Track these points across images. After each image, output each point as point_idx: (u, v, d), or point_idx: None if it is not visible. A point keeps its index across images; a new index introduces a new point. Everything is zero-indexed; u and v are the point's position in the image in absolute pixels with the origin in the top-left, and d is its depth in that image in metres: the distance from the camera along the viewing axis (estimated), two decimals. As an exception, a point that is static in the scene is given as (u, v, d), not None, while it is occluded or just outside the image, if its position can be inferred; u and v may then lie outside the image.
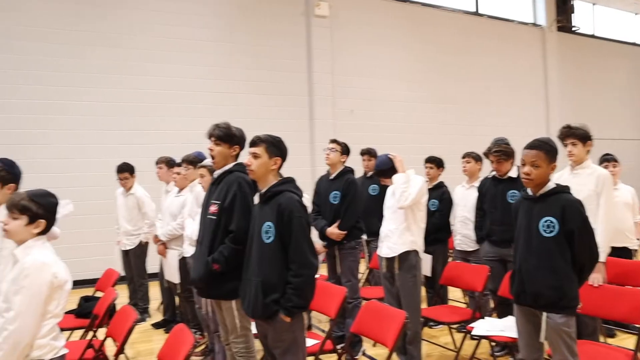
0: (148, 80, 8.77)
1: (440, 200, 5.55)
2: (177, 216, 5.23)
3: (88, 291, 5.40)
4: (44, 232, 2.55)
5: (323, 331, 5.35)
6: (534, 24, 13.36)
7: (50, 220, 2.56)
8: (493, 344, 4.52)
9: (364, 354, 4.86)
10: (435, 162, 5.69)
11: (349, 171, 5.03)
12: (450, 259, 5.95)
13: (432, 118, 11.39)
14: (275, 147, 3.05)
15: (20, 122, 7.98)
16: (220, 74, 9.33)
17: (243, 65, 9.54)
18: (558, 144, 3.24)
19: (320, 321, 5.87)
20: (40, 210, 2.50)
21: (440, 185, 5.67)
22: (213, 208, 3.36)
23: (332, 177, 5.04)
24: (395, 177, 4.18)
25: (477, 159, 5.57)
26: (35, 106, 8.08)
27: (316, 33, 10.11)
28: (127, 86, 8.62)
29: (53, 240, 2.73)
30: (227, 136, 3.43)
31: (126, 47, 8.65)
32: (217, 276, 3.27)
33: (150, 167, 6.36)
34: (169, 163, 5.87)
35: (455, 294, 6.27)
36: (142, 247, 6.27)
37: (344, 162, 5.08)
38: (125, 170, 6.19)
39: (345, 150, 5.08)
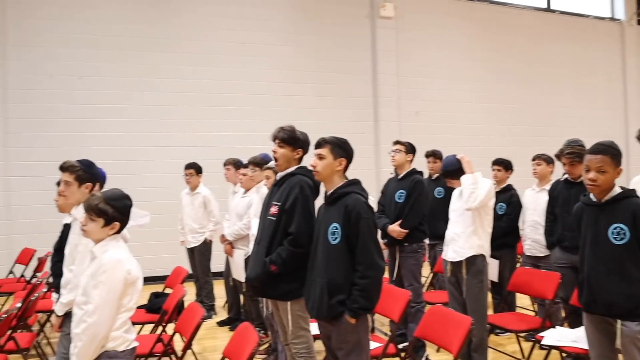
0: (215, 84, 9.03)
1: (508, 204, 5.39)
2: (244, 216, 5.34)
3: (158, 287, 5.61)
4: (118, 232, 2.67)
5: (386, 334, 5.30)
6: (612, 19, 12.70)
7: (125, 221, 2.68)
8: (564, 354, 4.32)
9: (427, 359, 4.78)
10: (503, 165, 5.53)
11: (416, 172, 4.99)
12: (518, 265, 5.75)
13: (499, 119, 11.07)
14: (340, 149, 3.06)
15: (95, 125, 8.46)
16: (286, 76, 9.47)
17: (308, 67, 9.63)
18: (634, 145, 3.06)
19: (383, 324, 5.83)
20: (116, 213, 2.63)
21: (509, 188, 5.51)
22: (273, 209, 3.41)
23: (399, 177, 5.00)
24: (463, 178, 4.10)
25: (549, 161, 5.36)
26: (109, 110, 8.52)
27: (381, 34, 10.06)
28: (196, 90, 8.92)
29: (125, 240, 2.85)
30: (291, 139, 3.47)
31: (193, 51, 8.96)
32: (274, 277, 3.31)
33: (218, 168, 6.55)
34: (236, 164, 6.01)
35: (523, 301, 6.06)
36: (206, 245, 6.47)
37: (410, 161, 5.03)
38: (191, 167, 6.46)
39: (410, 149, 5.03)
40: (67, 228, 3.43)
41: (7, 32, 8.23)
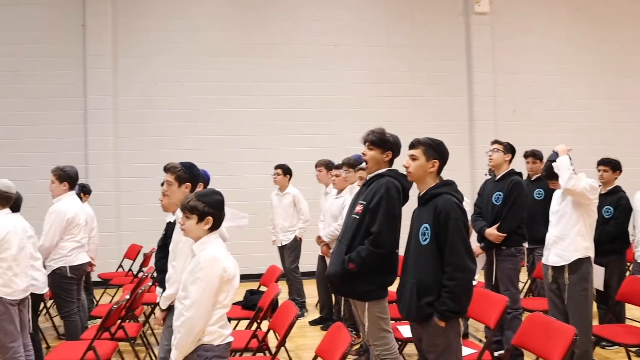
0: (307, 87, 9.19)
1: (615, 207, 5.02)
2: (338, 217, 5.39)
3: (253, 285, 5.79)
4: (214, 227, 2.77)
5: (480, 340, 5.13)
6: None
7: (218, 216, 2.77)
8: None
9: (525, 369, 4.58)
10: (611, 165, 5.16)
11: (515, 173, 4.79)
12: (627, 273, 5.35)
13: (606, 116, 10.31)
14: (434, 150, 3.02)
15: (194, 128, 8.92)
16: (378, 78, 9.44)
17: (400, 68, 9.54)
18: None
19: (477, 330, 5.65)
20: (207, 208, 2.72)
21: (617, 190, 5.13)
22: (358, 208, 3.43)
23: (497, 178, 4.83)
24: (559, 160, 3.88)
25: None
26: (207, 114, 8.95)
27: (476, 31, 9.75)
28: (288, 93, 9.13)
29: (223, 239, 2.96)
30: (381, 141, 3.48)
31: (286, 55, 9.17)
32: (352, 276, 3.31)
33: (310, 170, 6.67)
34: (328, 166, 6.09)
35: (634, 313, 5.63)
36: (296, 242, 6.63)
37: (508, 161, 4.83)
38: (279, 167, 6.69)
39: (509, 148, 4.84)
40: (169, 226, 3.63)
41: (117, 45, 8.88)
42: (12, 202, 4.12)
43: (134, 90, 8.91)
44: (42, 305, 5.22)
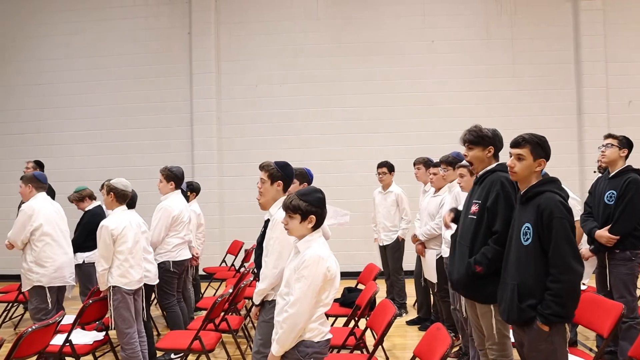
0: (406, 84, 9.07)
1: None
2: (435, 216, 5.28)
3: (351, 283, 5.82)
4: (317, 225, 2.80)
5: (591, 350, 4.81)
6: None
7: (320, 214, 2.80)
8: None
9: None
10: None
11: (631, 170, 4.40)
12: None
13: None
14: (541, 149, 2.88)
15: (295, 128, 9.12)
16: (478, 71, 9.12)
17: (502, 61, 9.15)
18: None
19: (588, 338, 5.30)
20: (309, 207, 2.76)
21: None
22: (474, 208, 3.31)
23: (610, 175, 4.49)
24: None
25: None
26: (307, 113, 9.12)
27: (585, 18, 9.10)
28: (387, 90, 9.07)
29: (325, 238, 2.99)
30: (479, 138, 3.36)
31: (384, 53, 9.11)
32: (478, 278, 3.19)
33: (408, 167, 6.59)
34: (427, 163, 5.98)
35: None
36: (399, 243, 6.52)
37: (624, 157, 4.46)
38: (384, 165, 6.58)
39: (624, 143, 4.46)
40: (267, 223, 3.74)
41: (220, 49, 9.30)
42: (129, 200, 4.45)
43: (236, 93, 9.28)
44: (152, 295, 5.56)
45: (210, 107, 9.19)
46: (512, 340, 3.17)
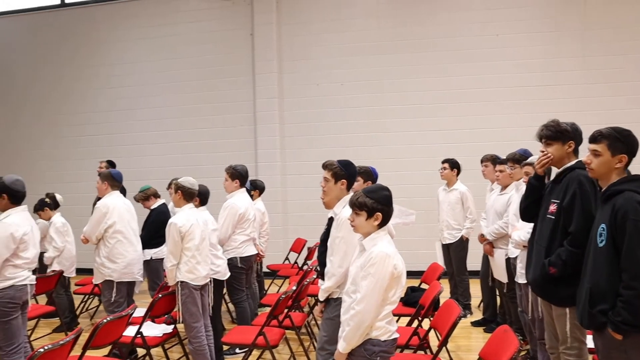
0: (469, 80, 8.84)
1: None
2: (503, 214, 5.13)
3: (414, 282, 5.75)
4: (383, 223, 2.79)
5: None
6: None
7: (387, 211, 2.79)
8: None
9: None
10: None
11: None
12: None
13: None
14: (621, 143, 2.71)
15: (355, 126, 9.10)
16: (546, 65, 8.74)
17: (570, 53, 8.73)
18: None
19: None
20: (375, 204, 2.75)
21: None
22: (552, 207, 3.17)
23: None
24: None
25: None
26: (368, 111, 9.07)
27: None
28: (450, 87, 8.88)
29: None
30: (558, 133, 3.20)
31: (446, 48, 8.90)
32: (553, 280, 3.07)
33: (474, 165, 6.44)
34: (495, 161, 5.82)
35: None
36: (463, 242, 6.39)
37: None
38: (447, 162, 6.48)
39: None
40: (330, 221, 3.75)
41: (282, 50, 9.42)
42: (201, 197, 4.59)
43: (298, 92, 9.37)
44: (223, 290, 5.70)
45: (272, 107, 9.33)
46: (591, 345, 3.04)
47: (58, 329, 6.16)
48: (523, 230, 4.10)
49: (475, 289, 6.34)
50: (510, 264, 4.83)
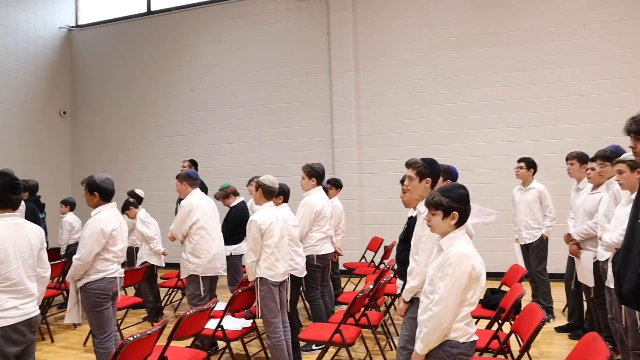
0: (553, 73, 8.43)
1: None
2: (593, 214, 4.85)
3: (494, 284, 5.57)
4: (461, 222, 2.73)
5: None
6: None
7: (463, 210, 2.72)
8: None
9: None
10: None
11: None
12: None
13: None
14: None
15: (433, 124, 8.93)
16: (637, 55, 8.18)
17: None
18: None
19: None
20: (451, 203, 2.70)
21: None
22: None
23: None
24: None
25: None
26: (445, 109, 8.88)
27: None
28: (532, 81, 8.51)
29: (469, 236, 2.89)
30: None
31: (529, 41, 8.52)
32: None
33: (559, 163, 6.15)
34: (582, 159, 5.53)
35: None
36: (542, 242, 6.14)
37: None
38: (522, 161, 6.27)
39: None
40: (411, 220, 3.71)
41: (358, 48, 9.42)
42: (283, 195, 4.69)
43: (375, 90, 9.33)
44: (301, 287, 5.79)
45: (349, 105, 9.35)
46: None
47: (147, 318, 6.51)
48: (616, 232, 3.86)
49: (559, 292, 6.06)
50: (599, 267, 4.57)
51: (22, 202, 6.35)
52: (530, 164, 6.26)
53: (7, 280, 3.05)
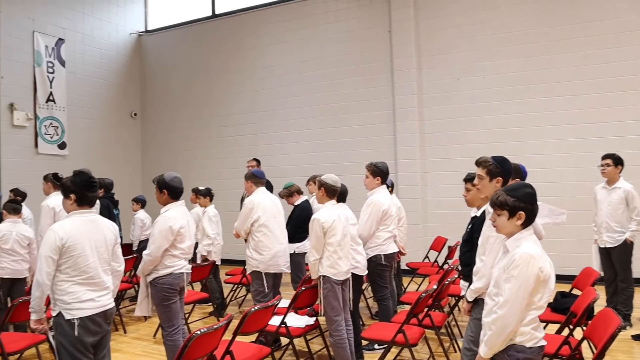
0: (628, 66, 7.96)
1: None
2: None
3: (564, 287, 5.35)
4: (528, 222, 2.63)
5: None
6: None
7: (530, 210, 2.61)
8: None
9: None
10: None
11: None
12: None
13: None
14: None
15: (498, 121, 8.67)
16: None
17: None
18: None
19: None
20: (518, 203, 2.60)
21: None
22: None
23: None
24: None
25: None
26: (510, 105, 8.60)
27: None
28: (603, 75, 8.07)
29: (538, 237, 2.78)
30: None
31: (597, 33, 8.08)
32: None
33: (635, 161, 5.82)
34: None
35: None
36: (627, 246, 5.74)
37: None
38: (609, 157, 5.86)
39: None
40: (475, 220, 3.62)
41: (420, 45, 9.28)
42: (340, 195, 4.69)
43: (437, 87, 9.17)
44: (363, 285, 5.78)
45: (411, 103, 9.24)
46: None
47: (213, 313, 6.70)
48: None
49: (638, 298, 5.74)
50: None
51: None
52: (617, 161, 5.84)
53: (84, 273, 3.23)
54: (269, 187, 6.08)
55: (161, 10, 12.46)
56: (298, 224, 6.42)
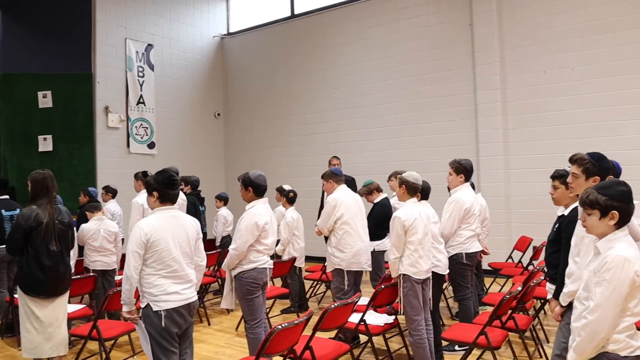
0: None
1: None
2: None
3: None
4: (622, 222, 2.47)
5: None
6: None
7: (624, 209, 2.46)
8: None
9: None
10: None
11: None
12: None
13: None
14: None
15: (589, 115, 8.19)
16: None
17: None
18: None
19: None
20: (610, 202, 2.45)
21: None
22: None
23: None
24: None
25: None
26: (604, 98, 8.09)
27: None
28: None
29: (634, 239, 2.60)
30: None
31: None
32: None
33: None
34: None
35: None
36: None
37: None
38: None
39: None
40: (562, 219, 3.46)
41: (503, 37, 8.95)
42: (423, 193, 4.65)
43: (522, 81, 8.81)
44: (444, 285, 5.69)
45: (494, 98, 8.94)
46: None
47: (286, 310, 6.82)
48: None
49: None
50: None
51: (184, 196, 7.02)
52: None
53: (168, 266, 3.40)
54: (353, 184, 6.10)
55: (242, 12, 12.84)
56: (378, 222, 6.41)
